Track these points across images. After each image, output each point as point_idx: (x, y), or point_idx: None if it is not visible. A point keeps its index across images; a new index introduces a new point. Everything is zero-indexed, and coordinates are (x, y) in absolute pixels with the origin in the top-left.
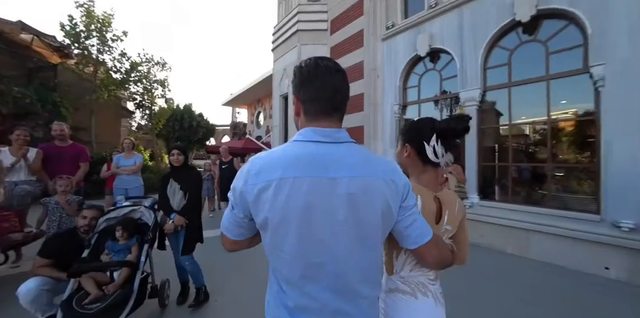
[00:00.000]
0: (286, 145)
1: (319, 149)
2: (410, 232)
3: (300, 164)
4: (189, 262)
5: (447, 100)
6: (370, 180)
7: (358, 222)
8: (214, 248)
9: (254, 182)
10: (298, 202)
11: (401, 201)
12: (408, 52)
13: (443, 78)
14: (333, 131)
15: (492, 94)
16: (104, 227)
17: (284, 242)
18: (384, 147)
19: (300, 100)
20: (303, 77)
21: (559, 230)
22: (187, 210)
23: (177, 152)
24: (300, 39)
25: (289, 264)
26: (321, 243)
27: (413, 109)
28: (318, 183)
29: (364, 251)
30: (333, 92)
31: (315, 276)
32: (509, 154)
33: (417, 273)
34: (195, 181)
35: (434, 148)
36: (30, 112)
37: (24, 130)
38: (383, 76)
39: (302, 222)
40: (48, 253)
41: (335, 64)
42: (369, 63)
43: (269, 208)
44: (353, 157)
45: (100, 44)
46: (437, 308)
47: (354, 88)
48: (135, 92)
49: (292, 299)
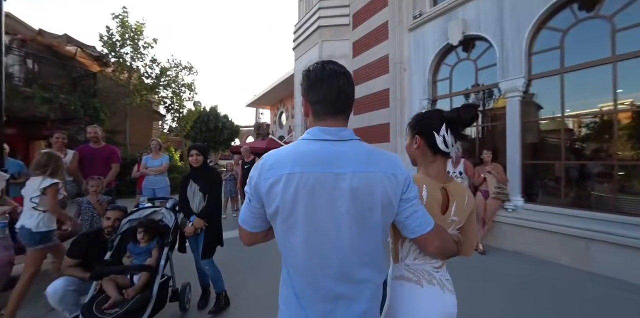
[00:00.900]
0: (296, 143)
1: (325, 146)
2: (410, 222)
3: (308, 160)
4: (209, 266)
5: (484, 92)
6: (372, 174)
7: (359, 214)
8: (236, 249)
9: (266, 176)
10: (305, 195)
11: (402, 194)
12: (438, 42)
13: (479, 68)
14: (338, 130)
15: (538, 83)
16: (126, 228)
17: (293, 231)
18: None
19: (309, 102)
20: (311, 81)
21: (628, 240)
22: (207, 213)
23: (195, 152)
24: (322, 35)
25: (297, 252)
26: (325, 233)
27: (444, 103)
28: (323, 178)
29: (365, 240)
30: (338, 94)
31: (320, 264)
32: (559, 151)
33: (421, 262)
34: (214, 182)
35: (444, 138)
36: (74, 117)
37: (62, 133)
38: (410, 69)
39: (308, 212)
40: (76, 253)
41: (341, 67)
42: (395, 56)
43: (280, 199)
44: (356, 153)
45: (133, 52)
46: (444, 295)
47: (378, 83)
48: (165, 96)
49: (298, 285)
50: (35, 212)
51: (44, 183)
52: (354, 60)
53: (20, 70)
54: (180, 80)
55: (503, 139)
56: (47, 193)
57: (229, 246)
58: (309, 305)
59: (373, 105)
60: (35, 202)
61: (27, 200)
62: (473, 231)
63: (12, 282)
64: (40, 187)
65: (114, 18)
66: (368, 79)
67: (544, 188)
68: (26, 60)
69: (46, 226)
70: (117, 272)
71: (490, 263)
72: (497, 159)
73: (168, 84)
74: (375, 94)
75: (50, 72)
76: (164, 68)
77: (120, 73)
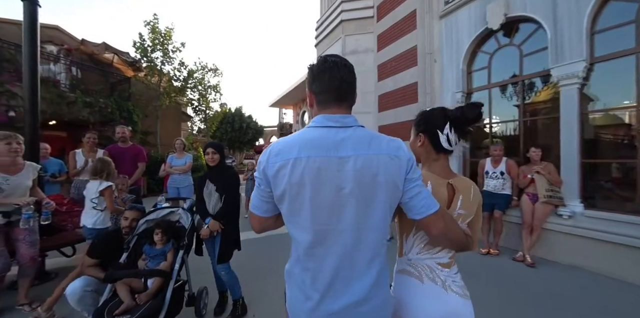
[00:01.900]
0: (302, 131)
1: (330, 132)
2: (415, 203)
3: (313, 145)
4: (225, 272)
5: (529, 81)
6: (375, 156)
7: (363, 194)
8: (256, 251)
9: (274, 160)
10: (311, 177)
11: (405, 174)
12: (474, 27)
13: (524, 54)
14: (342, 117)
15: (603, 67)
16: (143, 229)
17: (300, 211)
18: None
19: (313, 93)
20: (314, 73)
21: None
22: (223, 214)
23: (212, 151)
24: (345, 29)
25: (304, 230)
26: (330, 212)
27: (481, 95)
28: (328, 161)
29: (368, 219)
30: (340, 82)
31: (328, 240)
32: (628, 147)
33: (425, 256)
34: (231, 182)
35: (447, 136)
36: (111, 119)
37: (94, 133)
38: (441, 60)
39: (315, 193)
40: (95, 253)
41: (342, 59)
42: (424, 47)
43: (287, 182)
44: (359, 137)
45: (164, 56)
46: (446, 295)
47: (405, 77)
48: (192, 97)
49: (305, 261)
50: (95, 211)
51: (101, 187)
52: (378, 54)
53: (66, 77)
54: (207, 82)
55: (553, 135)
56: (104, 194)
57: (249, 247)
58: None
59: (400, 101)
60: (94, 202)
61: (87, 201)
62: (479, 224)
63: (47, 274)
64: (99, 190)
65: (146, 25)
66: (394, 73)
67: (609, 192)
68: (71, 68)
69: (102, 224)
70: (130, 276)
71: (543, 278)
72: (548, 157)
73: (195, 86)
74: (402, 89)
75: (91, 78)
76: (191, 70)
77: (152, 77)
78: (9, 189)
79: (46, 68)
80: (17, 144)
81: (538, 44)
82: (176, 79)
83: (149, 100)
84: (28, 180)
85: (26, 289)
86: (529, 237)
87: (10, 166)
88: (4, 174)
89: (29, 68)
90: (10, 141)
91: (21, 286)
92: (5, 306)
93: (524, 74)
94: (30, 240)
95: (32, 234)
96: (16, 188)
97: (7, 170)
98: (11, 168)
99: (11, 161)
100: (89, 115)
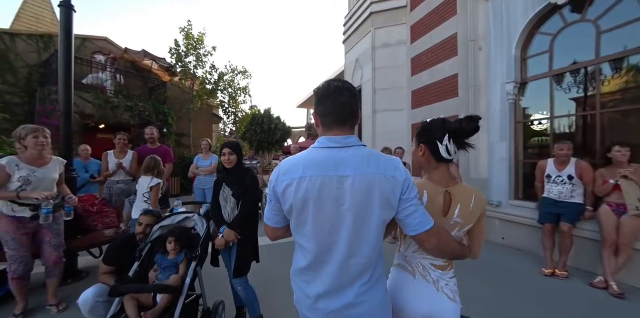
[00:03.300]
0: (307, 151)
1: (332, 152)
2: (410, 221)
3: (316, 165)
4: (242, 287)
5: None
6: (372, 176)
7: (359, 210)
8: (278, 259)
9: (282, 179)
10: (313, 194)
11: (401, 194)
12: (531, 5)
13: (602, 30)
14: (343, 138)
15: None
16: (157, 236)
17: (305, 224)
18: (490, 140)
19: (318, 115)
20: (318, 97)
21: None
22: (239, 222)
23: (228, 151)
24: (374, 22)
25: (309, 240)
26: (331, 225)
27: (539, 85)
28: (329, 180)
29: (363, 232)
30: (342, 106)
31: (327, 249)
32: None
33: (420, 255)
34: (249, 186)
35: (446, 147)
36: (148, 122)
37: (124, 134)
38: (488, 47)
39: (317, 208)
40: (110, 260)
41: (344, 83)
42: (466, 33)
43: (293, 198)
44: (358, 157)
45: (196, 60)
46: (436, 293)
47: (443, 69)
48: (223, 99)
49: (308, 266)
50: (146, 205)
51: (152, 183)
52: (412, 45)
53: (111, 83)
54: (236, 84)
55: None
56: (152, 190)
57: (271, 254)
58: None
59: (437, 96)
60: (146, 196)
61: (139, 195)
62: (480, 234)
63: (79, 273)
64: (150, 185)
65: (181, 31)
66: (430, 65)
67: None
68: (116, 75)
69: None
70: (135, 291)
71: (638, 313)
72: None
73: (225, 88)
74: (440, 82)
75: (132, 83)
76: (221, 73)
77: (185, 80)
78: (36, 181)
79: (95, 76)
80: (43, 137)
81: (625, 16)
82: (208, 82)
83: (182, 103)
84: (55, 173)
85: (54, 289)
86: (613, 259)
87: (38, 159)
88: (31, 166)
89: (64, 71)
90: (37, 134)
91: (49, 286)
92: (38, 305)
93: (602, 55)
94: (55, 243)
95: (58, 237)
96: (43, 181)
97: (34, 162)
98: (38, 161)
99: (38, 154)
100: (129, 118)
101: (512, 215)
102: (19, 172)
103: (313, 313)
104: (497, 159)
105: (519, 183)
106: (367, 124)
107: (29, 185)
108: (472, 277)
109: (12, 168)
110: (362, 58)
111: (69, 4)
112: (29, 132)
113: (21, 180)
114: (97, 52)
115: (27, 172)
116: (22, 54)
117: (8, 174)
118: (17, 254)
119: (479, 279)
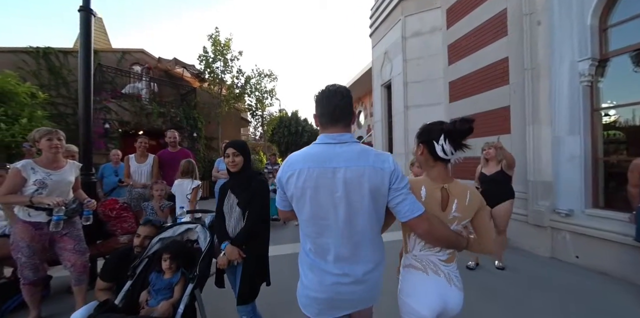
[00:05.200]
0: (309, 146)
1: (328, 148)
2: (400, 208)
3: (314, 159)
4: (247, 317)
5: None
6: (361, 168)
7: (350, 198)
8: (297, 269)
9: (286, 170)
10: (311, 183)
11: (390, 184)
12: None
13: None
14: (338, 135)
15: None
16: (155, 250)
17: (303, 209)
18: (556, 134)
19: (317, 116)
20: (316, 99)
21: None
22: (244, 238)
23: (232, 152)
24: (404, 9)
25: (307, 224)
26: (326, 211)
27: (625, 62)
28: (324, 171)
29: (357, 216)
30: (334, 107)
31: (323, 232)
32: None
33: (427, 253)
34: (256, 193)
35: (442, 147)
36: (179, 126)
37: (145, 137)
38: (551, 18)
39: (314, 195)
40: (108, 276)
41: (338, 88)
42: (520, 7)
43: (294, 187)
44: (350, 152)
45: (224, 66)
46: (449, 287)
47: (488, 55)
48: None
49: (310, 245)
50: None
51: (193, 185)
52: (448, 31)
53: (146, 92)
54: (263, 87)
55: None
56: (192, 191)
57: (293, 264)
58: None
59: (481, 85)
60: (189, 198)
61: (182, 197)
62: (485, 227)
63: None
64: (192, 187)
65: (209, 39)
66: (472, 51)
67: None
68: (151, 84)
69: None
70: None
71: None
72: None
73: (252, 91)
74: (484, 70)
75: (165, 91)
76: (248, 77)
77: (214, 86)
78: (52, 184)
79: (132, 86)
80: (57, 140)
81: None
82: (235, 86)
83: (211, 108)
84: (71, 176)
85: (83, 296)
86: None
87: (53, 162)
88: (47, 170)
89: (84, 75)
90: (51, 137)
91: (78, 294)
92: (64, 310)
93: None
94: (80, 248)
95: (81, 243)
96: (59, 184)
97: (49, 166)
98: (54, 164)
99: (53, 157)
100: (162, 124)
101: (589, 228)
102: (35, 175)
103: (316, 293)
104: (566, 156)
105: (598, 187)
106: (399, 121)
107: (45, 188)
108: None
109: (27, 172)
110: (391, 50)
111: (88, 8)
112: (42, 134)
113: (37, 184)
114: (135, 64)
115: (43, 175)
116: (73, 70)
117: (24, 178)
118: (30, 262)
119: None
